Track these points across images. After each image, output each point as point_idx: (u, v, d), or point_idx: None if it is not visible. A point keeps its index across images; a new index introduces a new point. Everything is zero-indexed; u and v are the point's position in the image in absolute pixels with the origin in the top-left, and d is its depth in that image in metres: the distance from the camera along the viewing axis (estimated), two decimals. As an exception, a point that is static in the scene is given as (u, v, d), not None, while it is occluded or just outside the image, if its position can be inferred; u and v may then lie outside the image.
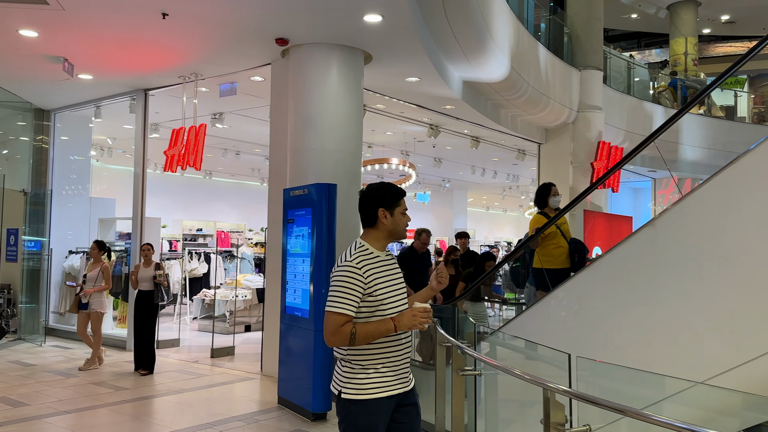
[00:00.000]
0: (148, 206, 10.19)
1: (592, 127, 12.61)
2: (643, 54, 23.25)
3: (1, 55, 8.02)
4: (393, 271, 2.96)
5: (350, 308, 2.76)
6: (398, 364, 2.86)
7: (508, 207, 29.57)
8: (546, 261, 6.17)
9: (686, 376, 3.49)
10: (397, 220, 2.94)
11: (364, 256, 2.86)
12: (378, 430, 2.82)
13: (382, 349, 2.82)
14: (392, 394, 2.83)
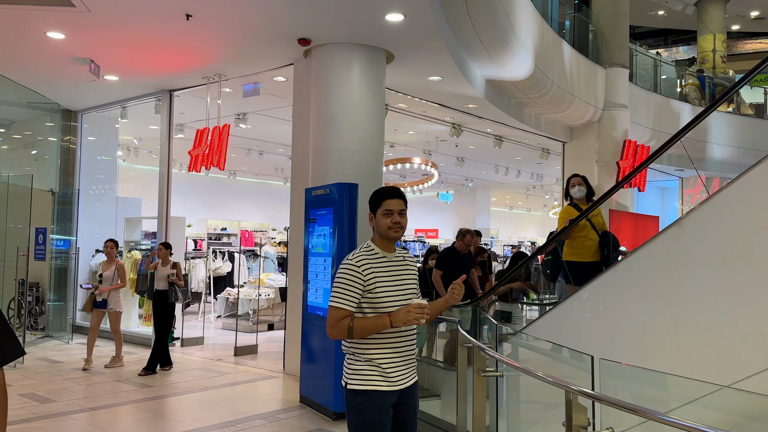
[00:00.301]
0: (174, 206, 10.31)
1: (618, 125, 12.45)
2: (670, 51, 22.90)
3: (29, 57, 8.17)
4: (399, 272, 3.07)
5: (349, 304, 2.92)
6: (399, 361, 2.98)
7: (532, 206, 29.35)
8: (574, 253, 6.04)
9: (713, 379, 3.42)
10: (378, 220, 3.05)
11: (367, 255, 3.01)
12: (381, 420, 2.94)
13: (383, 344, 2.96)
14: (393, 389, 2.96)
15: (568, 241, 6.10)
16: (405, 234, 16.68)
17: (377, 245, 3.07)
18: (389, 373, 2.95)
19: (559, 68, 10.54)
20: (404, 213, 3.10)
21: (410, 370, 3.06)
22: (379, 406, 2.93)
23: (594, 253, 6.03)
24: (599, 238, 6.05)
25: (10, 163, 12.03)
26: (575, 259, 6.03)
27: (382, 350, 2.96)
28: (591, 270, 5.75)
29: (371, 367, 2.94)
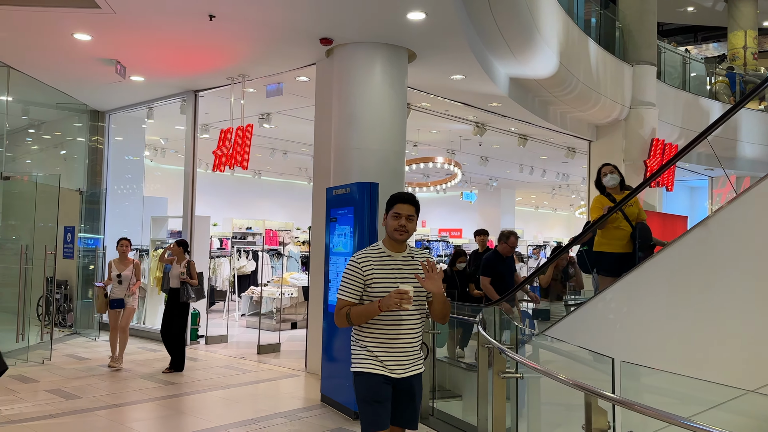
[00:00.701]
0: (200, 205, 10.41)
1: (645, 123, 12.25)
2: (699, 48, 22.47)
3: (57, 58, 8.31)
4: (403, 271, 3.31)
5: (350, 295, 3.27)
6: (394, 351, 3.26)
7: (558, 206, 29.06)
8: (606, 244, 5.84)
9: (739, 383, 3.33)
10: (387, 222, 3.36)
11: (371, 254, 3.34)
12: (373, 399, 3.24)
13: (378, 334, 3.27)
14: (386, 375, 3.24)
15: (599, 231, 5.89)
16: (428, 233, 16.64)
17: (385, 245, 3.36)
18: (383, 360, 3.25)
19: (584, 66, 10.40)
20: (412, 218, 3.35)
21: (409, 362, 3.30)
22: (372, 387, 3.23)
23: (626, 245, 5.80)
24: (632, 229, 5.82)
25: (41, 163, 12.25)
26: (606, 249, 5.84)
27: (377, 339, 3.27)
28: (622, 261, 5.58)
29: (367, 353, 3.27)
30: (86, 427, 5.61)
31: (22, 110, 10.61)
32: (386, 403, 3.24)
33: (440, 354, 7.10)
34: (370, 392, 3.24)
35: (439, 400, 6.41)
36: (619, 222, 5.81)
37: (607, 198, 5.99)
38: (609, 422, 2.81)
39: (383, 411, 3.24)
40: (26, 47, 7.94)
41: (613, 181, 6.02)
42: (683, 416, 2.40)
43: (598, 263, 5.98)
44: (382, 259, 3.31)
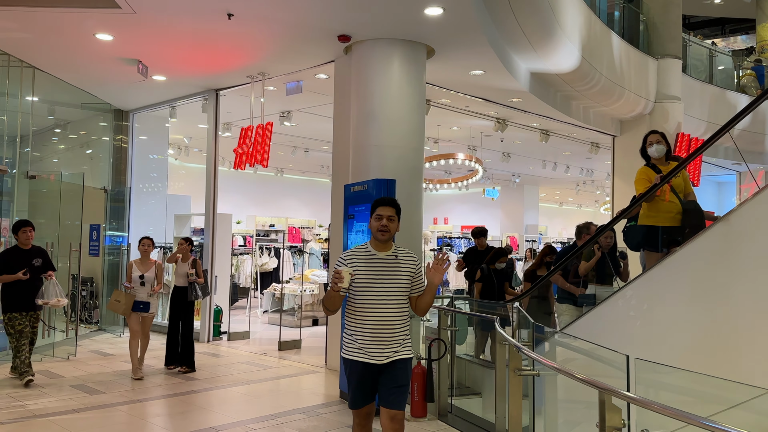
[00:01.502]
0: (223, 203, 10.50)
1: (671, 118, 12.04)
2: (727, 41, 21.99)
3: (80, 58, 8.44)
4: (386, 269, 3.67)
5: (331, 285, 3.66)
6: (375, 339, 3.62)
7: (583, 202, 28.72)
8: (652, 217, 5.39)
9: (761, 382, 3.26)
10: (372, 223, 3.74)
11: (357, 252, 3.75)
12: (355, 384, 3.68)
13: (362, 325, 3.65)
14: (365, 361, 3.63)
15: (645, 205, 5.44)
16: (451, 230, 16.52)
17: (371, 245, 3.75)
18: (365, 347, 3.63)
19: (607, 60, 10.26)
20: (393, 219, 3.71)
21: (390, 350, 3.65)
22: (353, 372, 3.67)
23: (673, 218, 5.37)
24: (679, 202, 5.40)
25: (68, 162, 12.47)
26: (653, 223, 5.41)
27: (361, 329, 3.65)
28: (670, 236, 5.23)
29: (352, 341, 3.69)
30: (108, 422, 5.70)
31: (48, 110, 10.79)
32: (363, 387, 3.67)
33: (460, 351, 7.07)
34: (352, 377, 3.71)
35: (458, 398, 6.39)
36: (665, 194, 5.37)
37: (653, 169, 5.55)
38: (624, 420, 2.77)
39: (360, 394, 3.69)
40: (50, 48, 8.08)
41: (658, 152, 5.59)
42: (699, 415, 2.35)
43: (645, 238, 5.55)
44: (367, 257, 3.70)
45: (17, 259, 6.92)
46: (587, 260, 6.49)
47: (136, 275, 7.49)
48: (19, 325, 6.87)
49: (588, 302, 6.22)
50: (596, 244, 6.36)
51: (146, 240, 7.73)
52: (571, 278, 6.67)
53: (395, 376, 3.65)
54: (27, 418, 5.66)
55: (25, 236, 7.02)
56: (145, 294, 7.46)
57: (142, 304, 7.47)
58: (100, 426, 5.55)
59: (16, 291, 6.87)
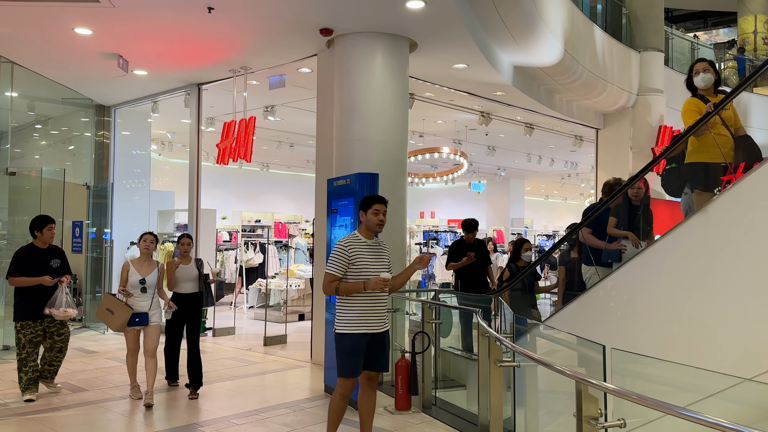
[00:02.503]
0: (209, 198, 10.44)
1: (653, 110, 12.14)
2: (709, 34, 22.16)
3: (60, 53, 8.34)
4: (377, 253, 4.46)
5: (338, 271, 4.34)
6: (370, 314, 4.37)
7: (568, 195, 28.87)
8: (702, 153, 4.89)
9: (739, 371, 3.30)
10: (369, 217, 4.45)
11: (352, 240, 4.45)
12: (355, 354, 4.32)
13: (359, 303, 4.35)
14: (364, 332, 4.34)
15: (693, 140, 4.96)
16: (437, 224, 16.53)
17: (362, 233, 4.48)
18: (368, 319, 4.35)
19: (590, 53, 10.31)
20: (386, 213, 4.48)
21: (384, 320, 4.46)
22: (356, 344, 4.32)
23: (726, 153, 4.88)
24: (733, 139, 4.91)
25: (50, 158, 12.34)
26: (704, 159, 4.90)
27: (365, 305, 4.35)
28: (723, 173, 4.83)
29: (349, 317, 4.35)
30: (91, 419, 5.66)
31: (28, 106, 10.67)
32: (360, 356, 4.34)
33: (445, 344, 7.09)
34: (355, 348, 4.32)
35: (443, 390, 6.42)
36: (718, 128, 4.87)
37: (701, 100, 5.12)
38: (600, 410, 2.79)
39: (359, 362, 4.35)
40: (29, 43, 7.97)
41: (706, 80, 5.13)
42: (678, 405, 2.36)
43: (694, 177, 5.05)
44: (362, 244, 4.42)
45: (34, 260, 6.14)
46: (617, 216, 5.87)
47: (135, 279, 6.03)
48: (31, 334, 6.08)
49: (615, 259, 5.59)
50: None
51: (148, 236, 6.29)
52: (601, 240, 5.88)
53: (385, 344, 4.47)
54: (9, 417, 5.61)
55: (50, 234, 6.24)
56: (146, 304, 6.04)
57: (139, 317, 6.01)
58: (83, 423, 5.51)
59: (31, 296, 6.06)
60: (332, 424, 4.53)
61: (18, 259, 6.15)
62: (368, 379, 4.53)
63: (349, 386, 4.41)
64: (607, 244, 5.74)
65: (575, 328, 4.88)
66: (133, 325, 6.01)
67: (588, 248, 5.99)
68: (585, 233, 6.03)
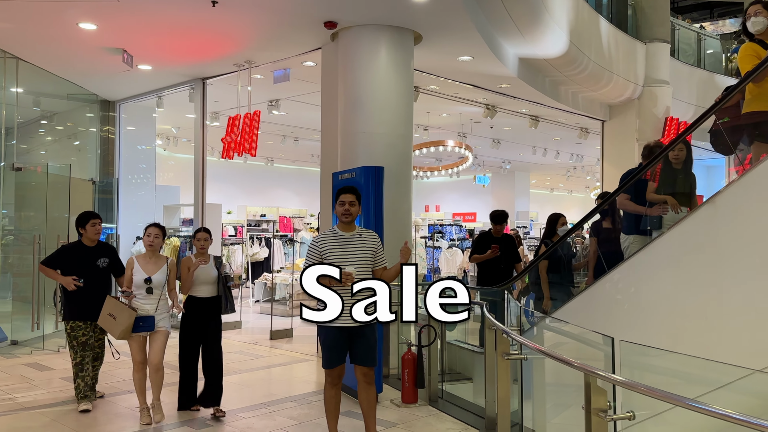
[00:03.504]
0: (214, 193, 10.45)
1: (659, 102, 12.07)
2: (716, 25, 22.01)
3: (64, 48, 8.34)
4: (352, 246, 4.40)
5: None
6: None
7: (574, 188, 28.78)
8: (761, 100, 4.53)
9: (747, 363, 3.28)
10: (336, 208, 4.51)
11: (326, 234, 4.49)
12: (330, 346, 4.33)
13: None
14: (340, 326, 4.22)
15: (752, 88, 4.55)
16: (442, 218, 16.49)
17: (338, 227, 4.50)
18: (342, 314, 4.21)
19: (596, 44, 10.25)
20: (354, 203, 4.44)
21: None
22: (331, 335, 4.31)
23: None
24: None
25: (55, 153, 12.36)
26: (765, 108, 4.54)
27: None
28: None
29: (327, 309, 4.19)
30: (99, 413, 5.68)
31: (33, 102, 10.68)
32: (337, 349, 4.34)
33: (451, 337, 7.10)
34: (328, 339, 4.34)
35: (449, 383, 6.42)
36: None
37: (761, 46, 4.79)
38: (609, 402, 2.78)
39: (335, 355, 4.37)
40: (33, 38, 7.97)
41: (759, 25, 4.77)
42: (686, 396, 2.35)
43: (755, 128, 4.65)
44: (336, 238, 4.42)
45: (79, 258, 5.67)
46: (656, 181, 5.39)
47: (140, 278, 5.28)
48: (83, 336, 5.63)
49: (655, 226, 5.15)
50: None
51: (153, 228, 5.45)
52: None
53: (368, 336, 4.37)
54: (17, 411, 5.64)
55: (94, 230, 5.72)
56: (151, 306, 5.29)
57: (144, 321, 5.24)
58: (90, 417, 5.53)
59: (79, 296, 5.58)
60: (330, 414, 4.57)
61: (59, 252, 5.86)
62: (363, 375, 4.49)
63: (333, 376, 4.45)
64: (648, 209, 5.30)
65: (583, 320, 4.87)
66: (138, 330, 5.22)
67: (626, 215, 5.63)
68: (623, 199, 5.63)
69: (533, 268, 6.41)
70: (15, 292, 9.05)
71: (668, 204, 5.09)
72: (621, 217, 5.78)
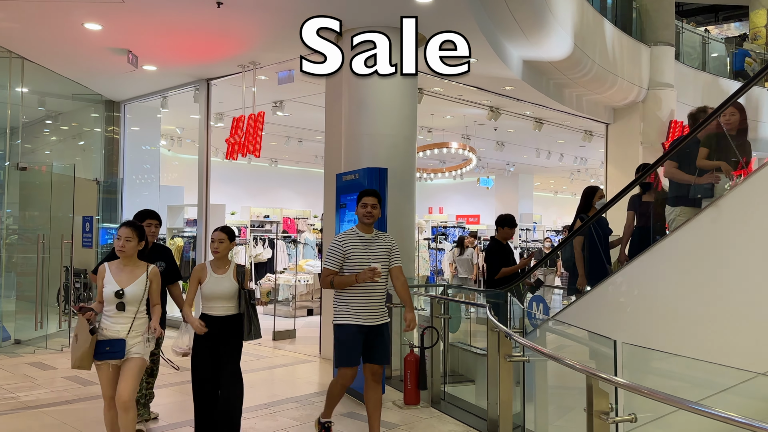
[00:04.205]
0: (218, 194, 10.46)
1: (664, 105, 12.06)
2: (721, 28, 21.98)
3: (69, 48, 8.37)
4: (372, 247, 4.55)
5: (333, 265, 4.50)
6: (366, 306, 4.47)
7: (577, 191, 28.72)
8: None
9: (751, 366, 3.27)
10: (359, 210, 4.61)
11: (348, 235, 4.60)
12: (350, 345, 4.43)
13: (353, 295, 4.46)
14: (360, 324, 4.44)
15: None
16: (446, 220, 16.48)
17: (358, 229, 4.61)
18: (360, 312, 4.45)
19: (600, 47, 10.24)
20: (376, 206, 4.56)
21: (379, 314, 4.54)
22: (350, 334, 4.43)
23: None
24: None
25: (60, 153, 12.40)
26: None
27: (357, 298, 4.45)
28: None
29: (347, 309, 4.48)
30: (101, 412, 5.68)
31: (38, 101, 10.71)
32: (356, 347, 4.43)
33: (454, 339, 7.09)
34: (349, 338, 4.42)
35: (452, 385, 6.41)
36: None
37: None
38: (611, 405, 2.77)
39: (355, 353, 4.45)
40: (39, 38, 8.01)
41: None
42: (691, 400, 2.34)
43: None
44: (359, 238, 4.54)
45: None
46: (708, 147, 4.85)
47: (111, 290, 4.06)
48: None
49: (706, 195, 4.75)
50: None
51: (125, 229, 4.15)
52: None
53: (383, 336, 4.54)
54: (19, 410, 5.65)
55: (148, 232, 4.84)
56: (123, 327, 4.06)
57: (109, 345, 4.01)
58: (92, 417, 5.53)
59: None
60: (330, 403, 4.77)
61: (110, 257, 4.73)
62: (372, 374, 4.59)
63: (348, 375, 4.53)
64: (697, 178, 4.89)
65: (586, 322, 4.86)
66: (103, 357, 4.02)
67: (672, 186, 5.21)
68: (670, 167, 5.13)
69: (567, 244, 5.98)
70: (19, 292, 9.08)
71: (722, 171, 4.72)
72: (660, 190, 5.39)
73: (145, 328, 4.18)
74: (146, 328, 4.18)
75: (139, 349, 4.12)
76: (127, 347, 4.06)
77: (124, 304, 4.08)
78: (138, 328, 4.14)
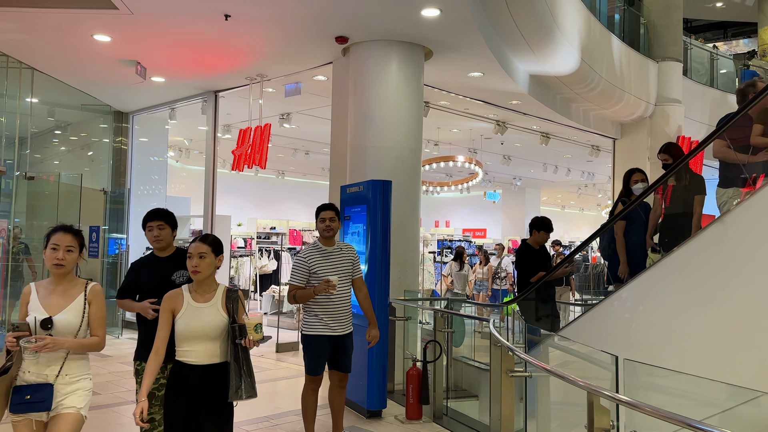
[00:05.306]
0: (225, 205, 10.48)
1: (671, 121, 12.03)
2: (729, 45, 21.97)
3: (79, 60, 8.45)
4: (335, 259, 4.74)
5: (298, 281, 4.67)
6: (333, 316, 4.67)
7: (585, 206, 28.68)
8: None
9: (756, 385, 3.23)
10: (318, 225, 4.77)
11: (311, 250, 4.76)
12: (319, 354, 4.68)
13: (322, 306, 4.65)
14: (328, 335, 4.67)
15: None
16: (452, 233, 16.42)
17: (320, 242, 4.78)
18: (330, 323, 4.66)
19: (607, 62, 10.25)
20: (334, 219, 4.72)
21: (345, 323, 4.76)
22: (319, 345, 4.67)
23: None
24: None
25: (68, 163, 12.49)
26: None
27: (324, 309, 4.65)
28: None
29: (317, 320, 4.68)
30: (103, 423, 5.68)
31: (48, 112, 10.80)
32: (324, 356, 4.70)
33: (458, 353, 7.04)
34: (318, 349, 4.66)
35: (454, 400, 6.36)
36: None
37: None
38: (613, 422, 2.74)
39: (321, 363, 4.72)
40: (48, 49, 8.08)
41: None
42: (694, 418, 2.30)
43: None
44: (321, 252, 4.73)
45: (151, 274, 3.95)
46: (763, 123, 4.44)
47: (35, 317, 3.04)
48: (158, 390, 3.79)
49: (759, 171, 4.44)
50: None
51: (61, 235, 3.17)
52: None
53: (347, 346, 4.77)
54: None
55: (151, 236, 4.02)
56: (51, 370, 3.06)
57: (31, 393, 3.00)
58: (95, 427, 5.51)
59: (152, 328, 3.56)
60: (309, 418, 4.91)
61: (131, 271, 4.10)
62: (339, 380, 4.88)
63: (317, 381, 4.81)
64: (750, 156, 4.50)
65: (590, 338, 4.81)
66: (20, 410, 2.98)
67: (722, 166, 4.83)
68: (720, 146, 4.69)
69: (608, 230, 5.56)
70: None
71: None
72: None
73: (84, 372, 3.14)
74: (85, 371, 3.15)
75: (75, 400, 3.04)
76: (56, 397, 2.99)
77: (52, 334, 2.99)
78: (74, 370, 3.09)
